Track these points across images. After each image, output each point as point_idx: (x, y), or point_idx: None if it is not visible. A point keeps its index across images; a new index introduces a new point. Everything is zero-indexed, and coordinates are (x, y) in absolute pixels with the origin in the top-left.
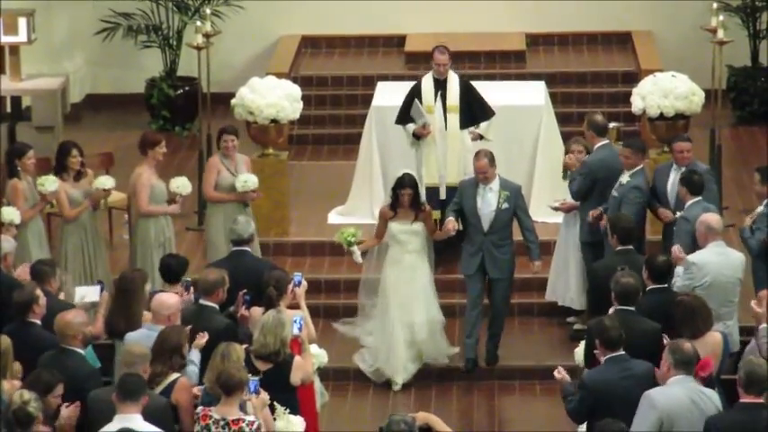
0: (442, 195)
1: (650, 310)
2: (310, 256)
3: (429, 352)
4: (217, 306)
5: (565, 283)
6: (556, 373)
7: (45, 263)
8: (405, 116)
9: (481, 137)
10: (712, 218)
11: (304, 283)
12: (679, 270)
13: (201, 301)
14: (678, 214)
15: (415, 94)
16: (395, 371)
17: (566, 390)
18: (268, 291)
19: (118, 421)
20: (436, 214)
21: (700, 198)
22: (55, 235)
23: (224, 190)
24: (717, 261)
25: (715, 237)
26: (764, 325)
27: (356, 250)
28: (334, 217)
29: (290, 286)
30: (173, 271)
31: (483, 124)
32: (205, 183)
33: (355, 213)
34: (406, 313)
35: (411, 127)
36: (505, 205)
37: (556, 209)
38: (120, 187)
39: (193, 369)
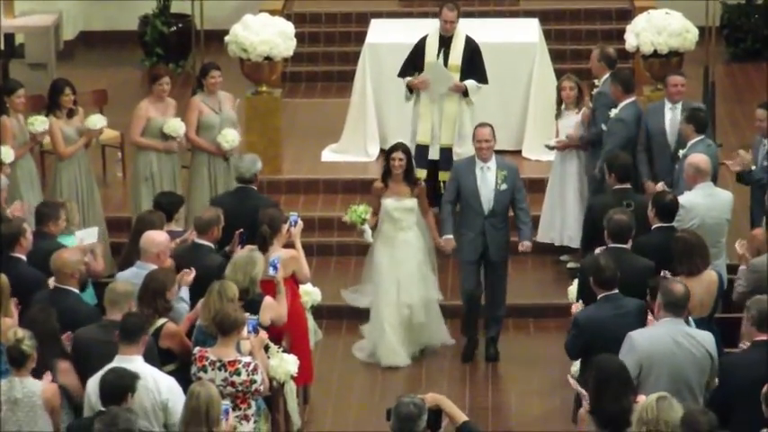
0: (434, 155)
1: (656, 248)
2: (304, 193)
3: (426, 335)
4: (212, 245)
5: (561, 221)
6: (573, 308)
7: (47, 205)
8: (407, 69)
9: (466, 93)
10: (700, 159)
11: (300, 222)
12: None
13: (196, 240)
14: (681, 152)
15: (419, 48)
16: (387, 354)
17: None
18: (261, 229)
19: (118, 362)
20: (421, 173)
21: (703, 136)
22: (48, 173)
23: (207, 128)
24: (704, 203)
25: (703, 178)
26: (744, 267)
27: (368, 228)
28: (327, 154)
29: (286, 226)
30: (164, 210)
31: (472, 82)
32: (187, 124)
33: (349, 151)
34: (402, 294)
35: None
36: (504, 186)
37: (552, 147)
38: (113, 125)
39: (184, 306)
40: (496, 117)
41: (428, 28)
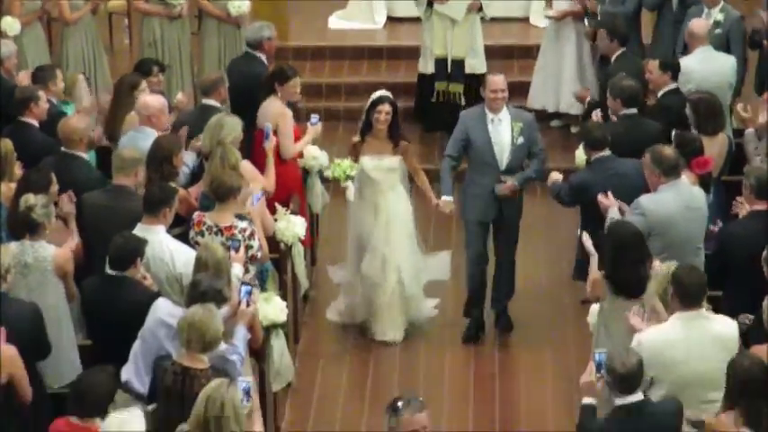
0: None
1: (666, 110)
2: (311, 60)
3: (413, 308)
4: (219, 105)
5: (556, 87)
6: (553, 174)
7: (43, 68)
8: None
9: (480, 8)
10: (695, 23)
11: (319, 125)
12: None
13: (204, 101)
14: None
15: None
16: (385, 328)
17: (554, 188)
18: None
19: (140, 231)
20: (441, 85)
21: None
22: (56, 41)
23: None
24: (701, 68)
25: (699, 42)
26: (751, 129)
27: (351, 186)
28: (334, 21)
29: (308, 124)
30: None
31: None
32: None
33: (356, 18)
34: (387, 263)
35: None
36: (521, 140)
37: (549, 17)
38: None
39: (184, 171)
40: None
41: None
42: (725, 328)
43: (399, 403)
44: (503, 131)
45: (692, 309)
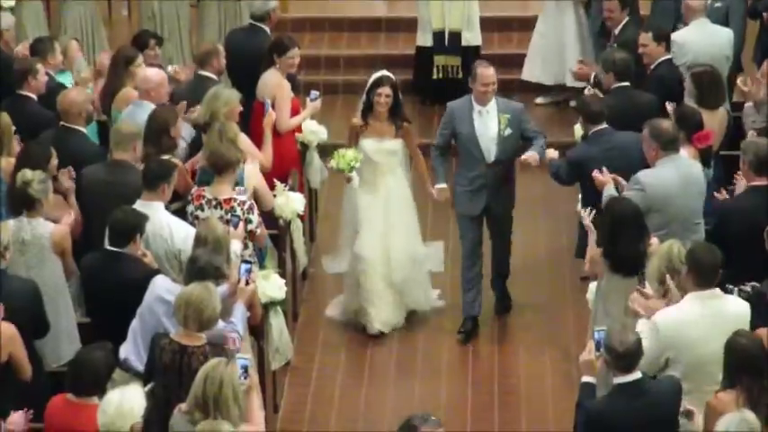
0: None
1: (659, 81)
2: (310, 31)
3: (411, 296)
4: (215, 76)
5: (559, 62)
6: (549, 151)
7: (41, 40)
8: None
9: None
10: None
11: (318, 101)
12: None
13: (199, 72)
14: None
15: None
16: (372, 319)
17: (552, 166)
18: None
19: (138, 207)
20: (441, 59)
21: None
22: (54, 13)
23: None
24: (697, 40)
25: (695, 15)
26: (750, 103)
27: (355, 177)
28: None
29: (308, 99)
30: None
31: None
32: None
33: None
34: (382, 248)
35: None
36: (508, 131)
37: None
38: None
39: (182, 144)
40: None
41: None
42: (738, 307)
43: (415, 422)
44: (489, 124)
45: (707, 288)
